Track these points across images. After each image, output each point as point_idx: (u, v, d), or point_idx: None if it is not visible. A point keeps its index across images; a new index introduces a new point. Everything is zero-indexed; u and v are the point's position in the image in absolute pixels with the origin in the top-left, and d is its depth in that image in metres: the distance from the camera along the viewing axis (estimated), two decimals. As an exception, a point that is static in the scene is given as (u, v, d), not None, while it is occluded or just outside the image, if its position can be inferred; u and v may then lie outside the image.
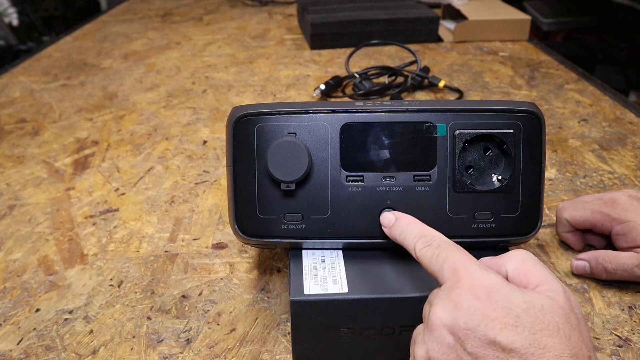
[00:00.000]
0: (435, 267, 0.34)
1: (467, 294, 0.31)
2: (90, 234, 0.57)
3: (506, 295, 0.30)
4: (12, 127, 0.82)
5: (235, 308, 0.46)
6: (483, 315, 0.30)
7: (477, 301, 0.30)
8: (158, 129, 0.80)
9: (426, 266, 0.35)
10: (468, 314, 0.30)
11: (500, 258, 0.35)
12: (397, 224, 0.39)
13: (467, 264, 0.32)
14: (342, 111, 0.41)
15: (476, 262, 0.33)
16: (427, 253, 0.35)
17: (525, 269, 0.33)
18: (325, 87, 0.87)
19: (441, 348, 0.31)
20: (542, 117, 0.41)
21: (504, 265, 0.34)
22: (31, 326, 0.45)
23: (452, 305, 0.31)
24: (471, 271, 0.32)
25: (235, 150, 0.41)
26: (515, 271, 0.33)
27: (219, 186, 0.64)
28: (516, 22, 1.14)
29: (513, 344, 0.29)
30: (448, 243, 0.35)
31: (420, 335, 0.33)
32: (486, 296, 0.30)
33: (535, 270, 0.33)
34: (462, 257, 0.33)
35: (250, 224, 0.42)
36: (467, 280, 0.31)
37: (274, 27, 1.31)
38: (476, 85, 0.92)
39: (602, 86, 0.90)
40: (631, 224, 0.46)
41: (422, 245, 0.35)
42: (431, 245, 0.35)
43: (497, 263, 0.34)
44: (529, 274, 0.33)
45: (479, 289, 0.31)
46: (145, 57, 1.12)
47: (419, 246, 0.36)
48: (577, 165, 0.67)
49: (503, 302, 0.30)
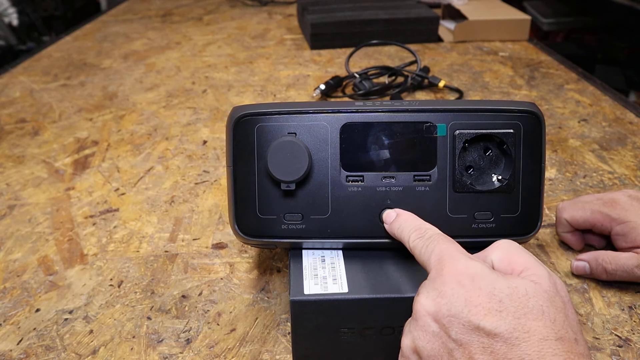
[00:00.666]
0: (424, 257, 0.34)
1: (450, 282, 0.31)
2: (90, 234, 0.57)
3: (490, 281, 0.30)
4: (12, 127, 0.82)
5: (235, 308, 0.46)
6: (466, 301, 0.30)
7: (461, 288, 0.30)
8: (158, 129, 0.80)
9: (417, 257, 0.36)
10: (451, 301, 0.30)
11: (485, 250, 0.35)
12: (396, 220, 0.39)
13: (453, 253, 0.33)
14: (342, 111, 0.41)
15: (463, 252, 0.33)
16: (418, 244, 0.36)
17: (510, 257, 0.33)
18: (325, 87, 0.87)
19: (426, 336, 0.31)
20: (542, 117, 0.41)
21: (489, 255, 0.34)
22: (31, 326, 0.45)
23: (435, 293, 0.31)
24: (455, 260, 0.32)
25: (235, 150, 0.41)
26: (500, 260, 0.34)
27: (219, 186, 0.64)
28: (516, 22, 1.14)
29: (497, 328, 0.29)
30: (439, 235, 0.35)
31: (407, 326, 0.33)
32: (470, 283, 0.31)
33: (520, 257, 0.33)
34: (448, 247, 0.34)
35: (250, 224, 0.42)
36: (450, 268, 0.32)
37: (274, 27, 1.31)
38: (476, 85, 0.92)
39: (602, 86, 0.90)
40: (631, 224, 0.46)
41: (415, 237, 0.36)
42: (423, 237, 0.36)
43: (483, 254, 0.35)
44: (513, 261, 0.33)
45: (463, 277, 0.31)
46: (145, 57, 1.12)
47: (412, 238, 0.37)
48: (577, 165, 0.67)
49: (486, 288, 0.30)
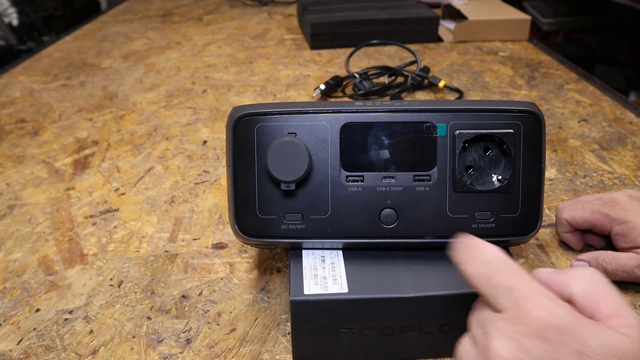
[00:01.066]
0: (489, 291, 0.29)
1: (534, 335, 0.27)
2: (90, 234, 0.57)
3: (579, 337, 0.26)
4: (12, 127, 0.82)
5: (235, 308, 0.46)
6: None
7: (546, 344, 0.26)
8: (158, 129, 0.80)
9: (474, 287, 0.30)
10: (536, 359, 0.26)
11: (564, 275, 0.30)
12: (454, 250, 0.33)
13: (529, 292, 0.28)
14: (342, 111, 0.41)
15: (538, 287, 0.28)
16: (475, 271, 0.30)
17: (597, 294, 0.29)
18: (325, 87, 0.87)
19: None
20: (542, 117, 0.41)
21: (569, 285, 0.29)
22: (31, 326, 0.45)
23: (516, 346, 0.27)
24: (535, 302, 0.28)
25: (235, 150, 0.41)
26: (584, 297, 0.29)
27: (219, 186, 0.64)
28: (516, 22, 1.14)
29: None
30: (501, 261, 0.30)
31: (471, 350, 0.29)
32: (556, 337, 0.26)
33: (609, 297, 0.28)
34: (521, 282, 0.28)
35: (250, 224, 0.42)
36: (533, 314, 0.27)
37: (274, 27, 1.31)
38: (476, 85, 0.92)
39: (602, 86, 0.90)
40: (631, 224, 0.46)
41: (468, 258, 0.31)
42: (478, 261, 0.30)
43: (561, 281, 0.30)
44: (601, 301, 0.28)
45: (548, 329, 0.27)
46: (145, 57, 1.12)
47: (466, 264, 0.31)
48: (577, 165, 0.67)
49: (575, 345, 0.26)
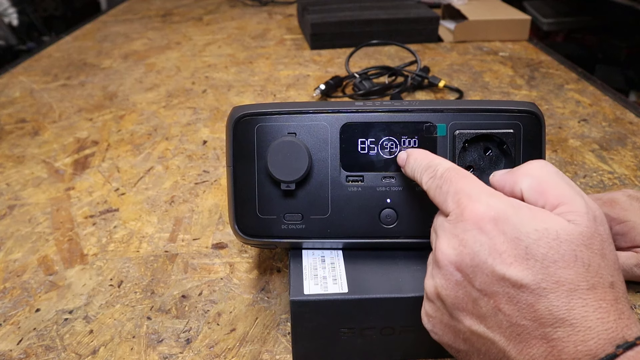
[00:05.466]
0: (440, 199, 0.31)
1: (471, 228, 0.28)
2: (90, 234, 0.57)
3: (515, 224, 0.27)
4: (12, 127, 0.82)
5: (235, 308, 0.46)
6: (490, 249, 0.27)
7: (483, 235, 0.28)
8: (158, 129, 0.80)
9: (432, 199, 0.32)
10: (474, 250, 0.28)
11: (514, 173, 0.31)
12: (407, 162, 0.37)
13: (472, 192, 0.30)
14: (342, 111, 0.41)
15: (482, 187, 0.30)
16: (432, 185, 0.32)
17: (543, 186, 0.29)
18: (325, 87, 0.87)
19: (449, 285, 0.29)
20: (542, 117, 0.41)
21: (518, 182, 0.31)
22: (31, 326, 0.45)
23: (456, 241, 0.29)
24: (475, 201, 0.29)
25: (235, 150, 0.41)
26: (530, 189, 0.30)
27: (219, 186, 0.64)
28: (516, 22, 1.14)
29: (523, 279, 0.26)
30: (452, 170, 0.32)
31: (430, 268, 0.32)
32: (492, 228, 0.28)
33: (555, 187, 0.29)
34: (465, 185, 0.30)
35: (250, 224, 0.42)
36: (470, 211, 0.29)
37: (274, 27, 1.31)
38: (476, 85, 0.92)
39: (602, 86, 0.90)
40: (630, 223, 0.46)
41: (428, 177, 0.33)
42: (435, 176, 0.32)
43: (511, 180, 0.31)
44: (547, 191, 0.29)
45: (484, 221, 0.28)
46: (145, 57, 1.13)
47: (425, 179, 0.33)
48: (577, 165, 0.67)
49: (511, 232, 0.27)
